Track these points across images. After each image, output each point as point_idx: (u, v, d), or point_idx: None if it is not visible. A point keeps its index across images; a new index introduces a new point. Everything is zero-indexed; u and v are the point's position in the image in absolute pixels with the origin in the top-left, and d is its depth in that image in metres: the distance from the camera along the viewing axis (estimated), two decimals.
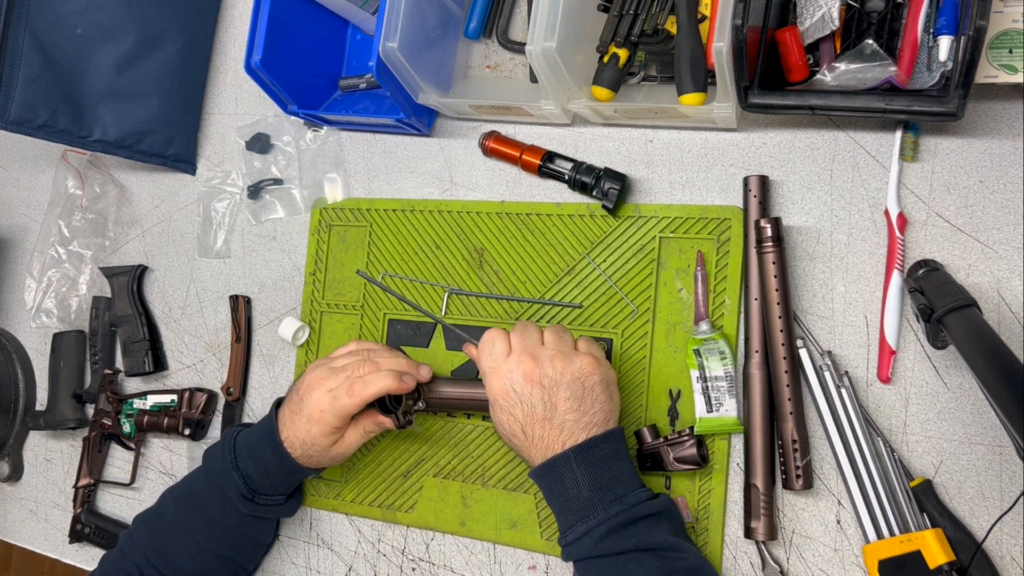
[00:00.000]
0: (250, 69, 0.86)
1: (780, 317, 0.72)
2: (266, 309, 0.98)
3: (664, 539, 0.65)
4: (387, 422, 0.78)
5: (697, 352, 0.74)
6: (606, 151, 0.83)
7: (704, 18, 0.73)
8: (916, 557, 0.65)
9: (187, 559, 0.82)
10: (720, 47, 0.64)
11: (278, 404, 0.82)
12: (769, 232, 0.72)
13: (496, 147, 0.86)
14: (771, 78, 0.71)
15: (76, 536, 1.03)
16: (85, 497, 1.03)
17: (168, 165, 1.03)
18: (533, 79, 0.85)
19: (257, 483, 0.80)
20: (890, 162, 0.72)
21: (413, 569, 0.86)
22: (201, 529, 0.82)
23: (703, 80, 0.70)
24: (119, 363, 1.06)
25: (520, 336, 0.72)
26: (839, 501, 0.72)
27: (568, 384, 0.68)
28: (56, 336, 1.08)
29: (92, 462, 1.03)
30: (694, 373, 0.74)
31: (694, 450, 0.73)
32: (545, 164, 0.83)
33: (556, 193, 0.85)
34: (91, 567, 1.04)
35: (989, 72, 0.65)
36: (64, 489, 1.08)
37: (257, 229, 1.00)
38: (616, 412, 0.71)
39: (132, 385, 1.05)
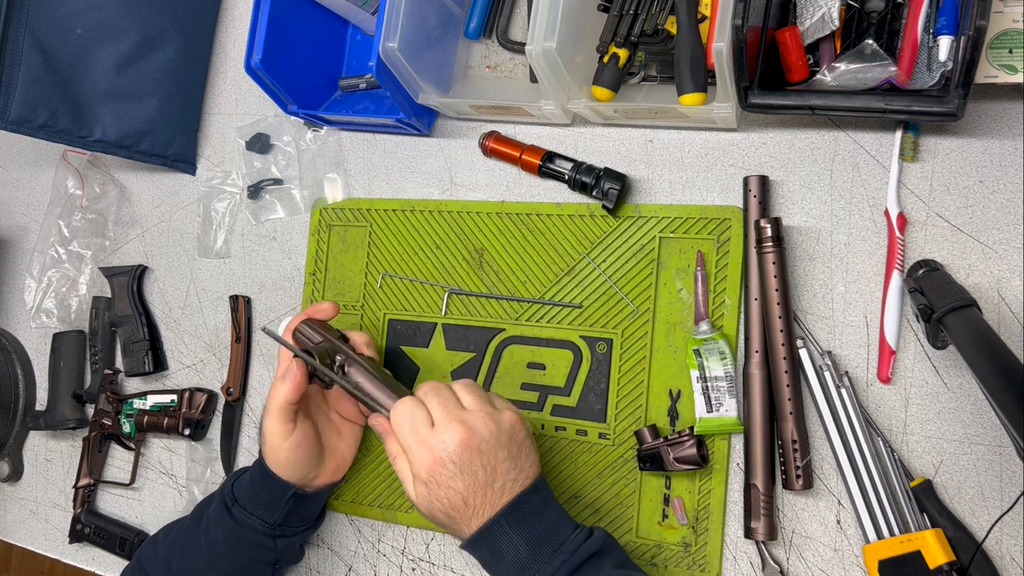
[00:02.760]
0: (250, 69, 0.86)
1: (780, 317, 0.72)
2: (266, 309, 0.98)
3: (612, 574, 0.64)
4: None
5: (697, 352, 0.74)
6: (606, 151, 0.83)
7: (704, 18, 0.73)
8: (916, 557, 0.65)
9: None
10: (720, 47, 0.64)
11: None
12: (769, 232, 0.72)
13: (496, 147, 0.86)
14: (771, 78, 0.71)
15: (76, 536, 1.03)
16: (85, 497, 1.03)
17: (168, 165, 1.03)
18: (533, 79, 0.85)
19: (240, 494, 0.80)
20: (890, 162, 0.72)
21: (413, 569, 0.86)
22: (201, 548, 0.81)
23: (703, 80, 0.70)
24: (119, 363, 1.06)
25: (438, 401, 0.68)
26: (839, 501, 0.72)
27: (505, 444, 0.66)
28: (56, 336, 1.08)
29: (92, 462, 1.03)
30: (694, 373, 0.74)
31: (694, 450, 0.73)
32: (545, 164, 0.83)
33: (556, 193, 0.85)
34: (91, 567, 1.05)
35: (989, 72, 0.65)
36: (64, 489, 1.08)
37: (257, 229, 1.00)
38: (538, 464, 0.69)
39: (132, 385, 1.05)
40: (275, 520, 0.79)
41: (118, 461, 1.05)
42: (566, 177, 0.82)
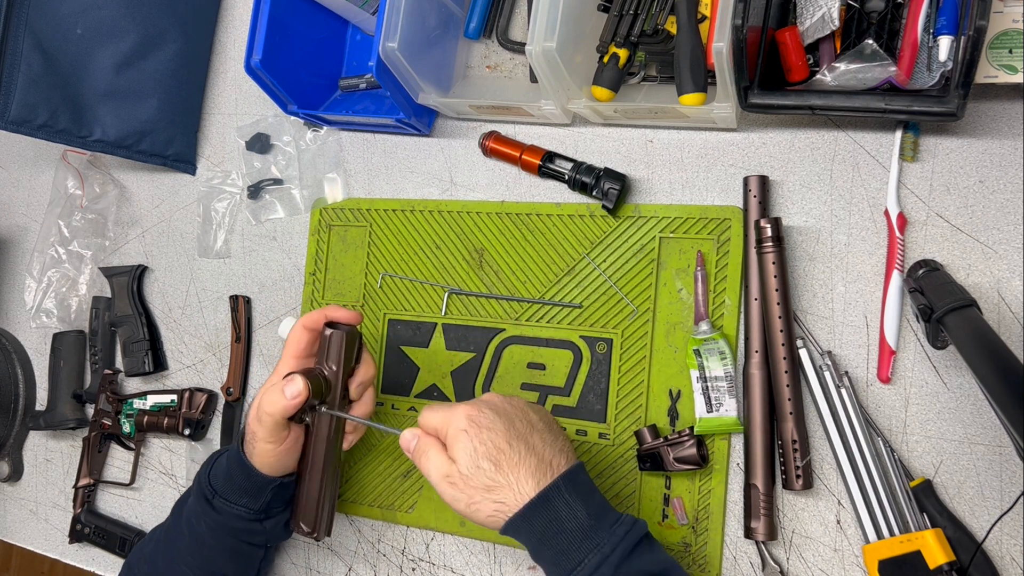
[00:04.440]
0: (250, 69, 0.86)
1: (780, 317, 0.72)
2: (266, 309, 0.98)
3: (666, 558, 0.63)
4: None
5: (697, 352, 0.74)
6: (606, 151, 0.83)
7: (704, 18, 0.73)
8: (916, 557, 0.65)
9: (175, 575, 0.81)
10: (720, 47, 0.64)
11: None
12: (769, 232, 0.72)
13: (496, 147, 0.86)
14: (771, 78, 0.71)
15: (76, 536, 1.03)
16: (85, 497, 1.03)
17: (168, 165, 1.03)
18: (533, 79, 0.85)
19: (219, 485, 0.78)
20: (890, 162, 0.72)
21: (413, 569, 0.86)
22: (184, 541, 0.80)
23: (703, 80, 0.70)
24: (119, 363, 1.06)
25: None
26: (839, 501, 0.72)
27: (536, 409, 0.68)
28: (56, 336, 1.08)
29: (92, 462, 1.03)
30: (694, 373, 0.74)
31: (694, 450, 0.73)
32: (545, 164, 0.83)
33: (556, 193, 0.85)
34: (91, 567, 1.05)
35: (989, 72, 0.65)
36: (64, 489, 1.08)
37: (257, 229, 1.00)
38: (572, 449, 0.68)
39: (132, 385, 1.05)
40: (259, 507, 0.77)
41: (118, 461, 1.05)
42: (566, 177, 0.82)
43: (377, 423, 0.75)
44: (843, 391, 0.71)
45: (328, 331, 0.75)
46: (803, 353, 0.72)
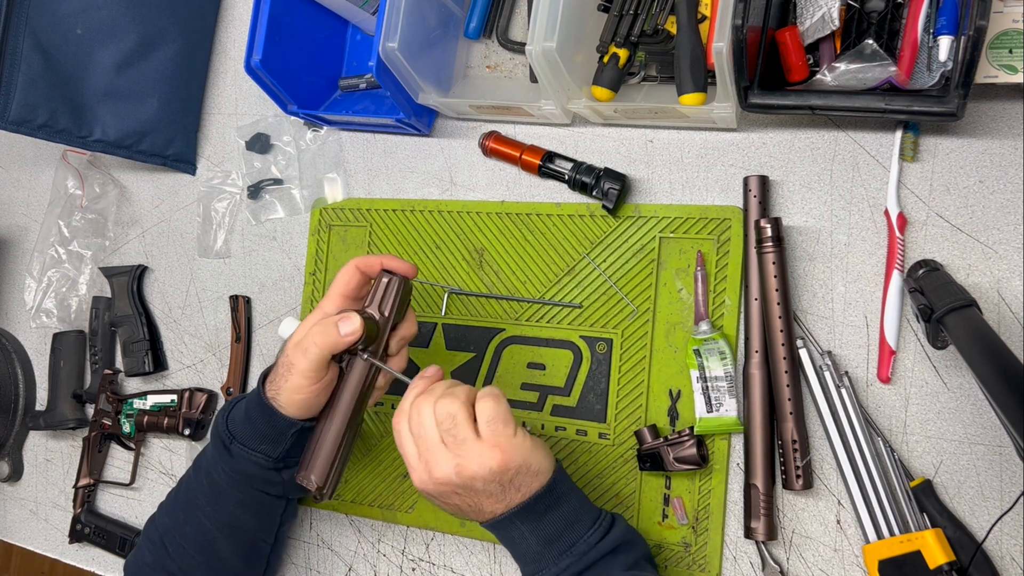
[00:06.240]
0: (250, 69, 0.86)
1: (780, 317, 0.72)
2: (266, 309, 0.98)
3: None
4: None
5: (697, 352, 0.74)
6: (606, 151, 0.83)
7: (704, 18, 0.73)
8: (916, 557, 0.65)
9: (195, 527, 0.79)
10: (720, 47, 0.64)
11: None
12: (769, 232, 0.72)
13: (496, 147, 0.86)
14: (771, 78, 0.71)
15: (76, 536, 1.03)
16: (85, 497, 1.03)
17: (168, 165, 1.03)
18: (533, 79, 0.85)
19: (237, 431, 0.75)
20: (890, 162, 0.72)
21: (413, 569, 0.86)
22: (204, 491, 0.78)
23: (703, 80, 0.70)
24: (119, 363, 1.06)
25: (447, 413, 0.67)
26: (839, 501, 0.72)
27: (494, 479, 0.65)
28: (56, 336, 1.08)
29: (92, 462, 1.03)
30: (694, 373, 0.74)
31: (694, 450, 0.73)
32: (545, 164, 0.83)
33: (556, 193, 0.85)
34: (91, 567, 1.05)
35: (989, 72, 0.65)
36: (64, 489, 1.08)
37: (257, 229, 1.00)
38: (551, 459, 0.68)
39: (132, 385, 1.05)
40: (278, 454, 0.75)
41: (118, 461, 1.05)
42: (566, 177, 0.82)
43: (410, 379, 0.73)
44: (843, 391, 0.71)
45: (386, 277, 0.73)
46: (803, 353, 0.72)
